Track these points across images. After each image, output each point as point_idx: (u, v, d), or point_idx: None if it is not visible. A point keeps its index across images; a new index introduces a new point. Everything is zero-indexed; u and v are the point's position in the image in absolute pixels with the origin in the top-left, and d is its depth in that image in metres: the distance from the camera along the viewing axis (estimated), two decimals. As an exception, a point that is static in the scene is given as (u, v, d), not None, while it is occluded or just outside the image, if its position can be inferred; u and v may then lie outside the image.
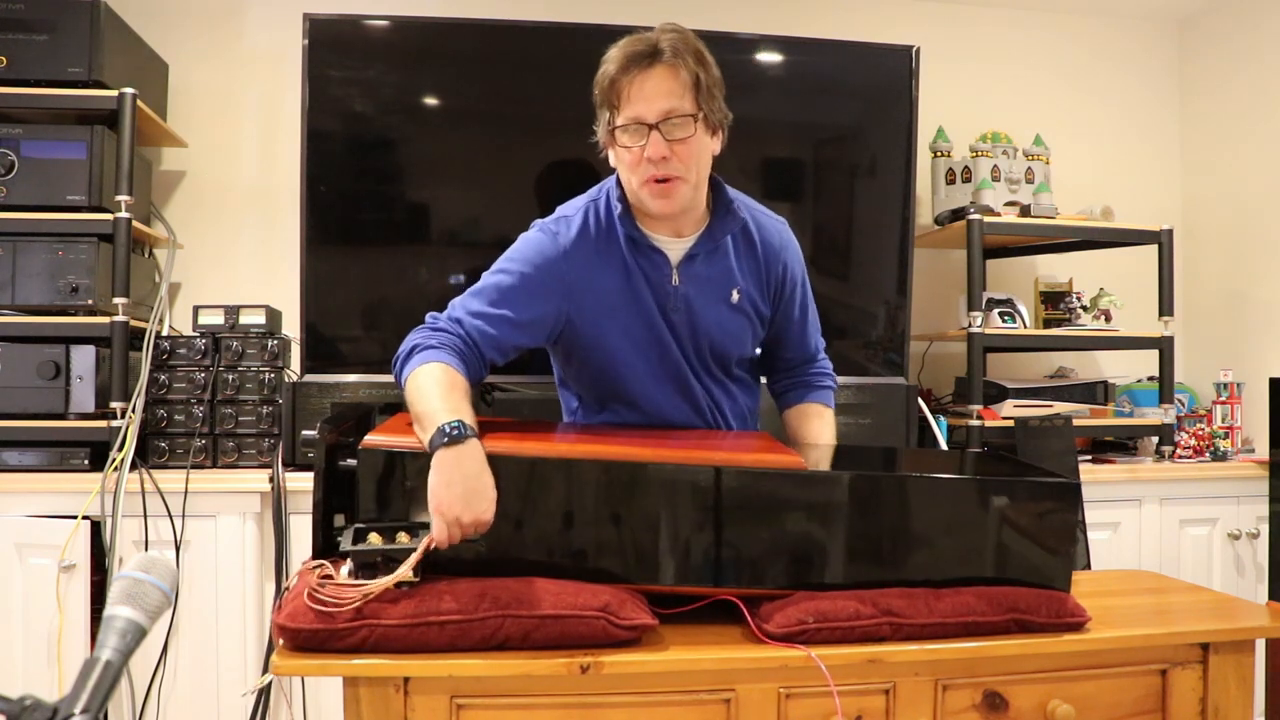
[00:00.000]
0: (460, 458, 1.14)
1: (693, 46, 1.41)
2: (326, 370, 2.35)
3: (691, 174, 1.42)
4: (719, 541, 1.22)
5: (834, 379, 1.74)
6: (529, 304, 1.44)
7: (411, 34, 2.48)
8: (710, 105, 1.42)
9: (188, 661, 2.15)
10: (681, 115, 1.38)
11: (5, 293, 2.22)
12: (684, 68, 1.38)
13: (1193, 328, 3.24)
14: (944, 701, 1.19)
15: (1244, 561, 2.66)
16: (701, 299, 1.50)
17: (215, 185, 2.81)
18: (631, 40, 1.41)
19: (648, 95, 1.37)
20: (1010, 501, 1.26)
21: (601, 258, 1.46)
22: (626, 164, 1.42)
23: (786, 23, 2.95)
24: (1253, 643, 1.31)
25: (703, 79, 1.40)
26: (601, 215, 1.48)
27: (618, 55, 1.40)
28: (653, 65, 1.38)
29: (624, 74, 1.38)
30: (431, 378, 1.27)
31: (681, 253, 1.49)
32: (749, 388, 1.67)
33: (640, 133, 1.38)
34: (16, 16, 2.25)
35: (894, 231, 2.63)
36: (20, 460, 2.19)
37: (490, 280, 1.46)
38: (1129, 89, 3.29)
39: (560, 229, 1.48)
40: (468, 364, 1.37)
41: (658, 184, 1.40)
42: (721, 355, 1.56)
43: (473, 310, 1.42)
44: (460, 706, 1.11)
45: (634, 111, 1.38)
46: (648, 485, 1.21)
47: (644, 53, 1.38)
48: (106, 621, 0.78)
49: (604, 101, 1.42)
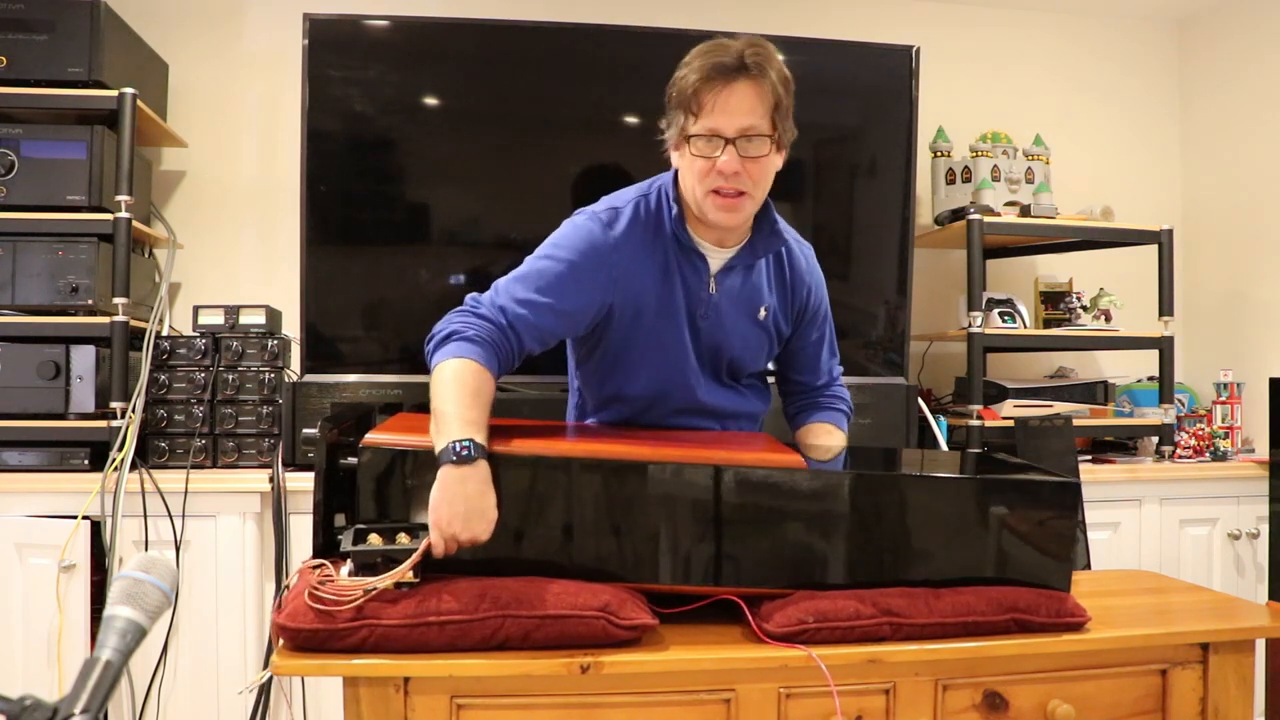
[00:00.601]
0: (465, 478, 1.14)
1: (776, 65, 1.38)
2: (326, 370, 2.35)
3: (759, 191, 1.41)
4: (720, 541, 1.22)
5: (849, 404, 1.74)
6: (575, 293, 1.42)
7: (411, 34, 2.48)
8: (784, 125, 1.40)
9: (188, 661, 2.15)
10: (759, 134, 1.36)
11: (5, 293, 2.22)
12: (768, 85, 1.36)
13: (1193, 328, 3.24)
14: (944, 701, 1.20)
15: (1244, 561, 2.66)
16: (732, 311, 1.51)
17: (215, 185, 2.81)
18: (715, 48, 1.37)
19: (730, 109, 1.35)
20: (1011, 501, 1.26)
21: (647, 254, 1.46)
22: (695, 171, 1.40)
23: (786, 23, 2.95)
24: (1253, 643, 1.31)
25: (783, 100, 1.38)
26: (653, 212, 1.47)
27: (701, 63, 1.36)
28: (736, 79, 1.35)
29: (707, 83, 1.35)
30: (459, 378, 1.26)
31: (721, 262, 1.49)
32: (760, 392, 1.67)
33: (715, 144, 1.36)
34: (16, 16, 2.25)
35: (894, 231, 2.63)
36: (20, 460, 2.19)
37: (537, 266, 1.43)
38: (1129, 89, 3.29)
39: (611, 220, 1.46)
40: (501, 358, 1.36)
41: (724, 196, 1.39)
42: (737, 367, 1.58)
43: (519, 297, 1.40)
44: (460, 706, 1.11)
45: (713, 123, 1.36)
46: (649, 485, 1.21)
47: (730, 65, 1.35)
48: (106, 621, 0.78)
49: (680, 105, 1.40)
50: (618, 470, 1.21)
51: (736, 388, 1.61)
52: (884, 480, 1.29)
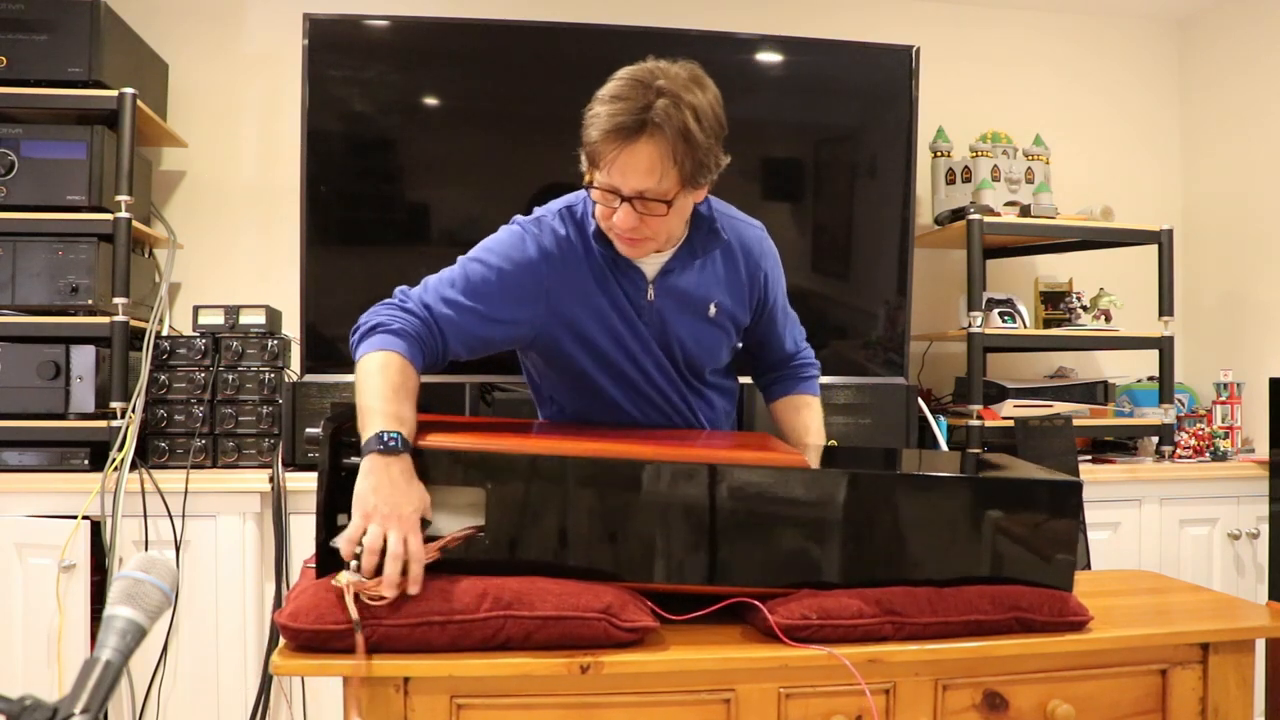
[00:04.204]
0: (390, 465, 1.14)
1: (681, 119, 1.28)
2: (326, 370, 2.35)
3: (661, 236, 1.39)
4: (722, 541, 1.22)
5: (817, 366, 1.75)
6: (503, 302, 1.41)
7: (411, 34, 2.48)
8: (697, 175, 1.33)
9: (188, 661, 2.15)
10: (656, 196, 1.32)
11: (5, 293, 2.22)
12: (668, 142, 1.28)
13: (1193, 328, 3.24)
14: (944, 701, 1.19)
15: (1244, 561, 2.67)
16: (676, 313, 1.48)
17: (215, 185, 2.81)
18: (621, 99, 1.29)
19: (626, 171, 1.30)
20: (1013, 501, 1.26)
21: (579, 266, 1.44)
22: (599, 213, 1.39)
23: (786, 23, 2.95)
24: (1253, 643, 1.31)
25: (688, 157, 1.30)
26: (579, 223, 1.45)
27: (605, 115, 1.29)
28: (635, 139, 1.28)
29: (605, 143, 1.30)
30: (383, 372, 1.25)
31: (657, 268, 1.46)
32: (725, 392, 1.66)
33: (613, 198, 1.33)
34: (16, 16, 2.25)
35: (894, 231, 2.63)
36: (20, 460, 2.19)
37: (465, 268, 1.42)
38: (1129, 89, 3.29)
39: (540, 231, 1.44)
40: (426, 354, 1.35)
41: (625, 238, 1.38)
42: (695, 367, 1.55)
43: (445, 297, 1.39)
44: (460, 706, 1.11)
45: (610, 181, 1.32)
46: (651, 484, 1.21)
47: (628, 126, 1.28)
48: (106, 621, 0.78)
49: (585, 148, 1.35)
50: (621, 469, 1.21)
51: (703, 386, 1.58)
52: (888, 480, 1.28)
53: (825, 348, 1.77)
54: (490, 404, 2.46)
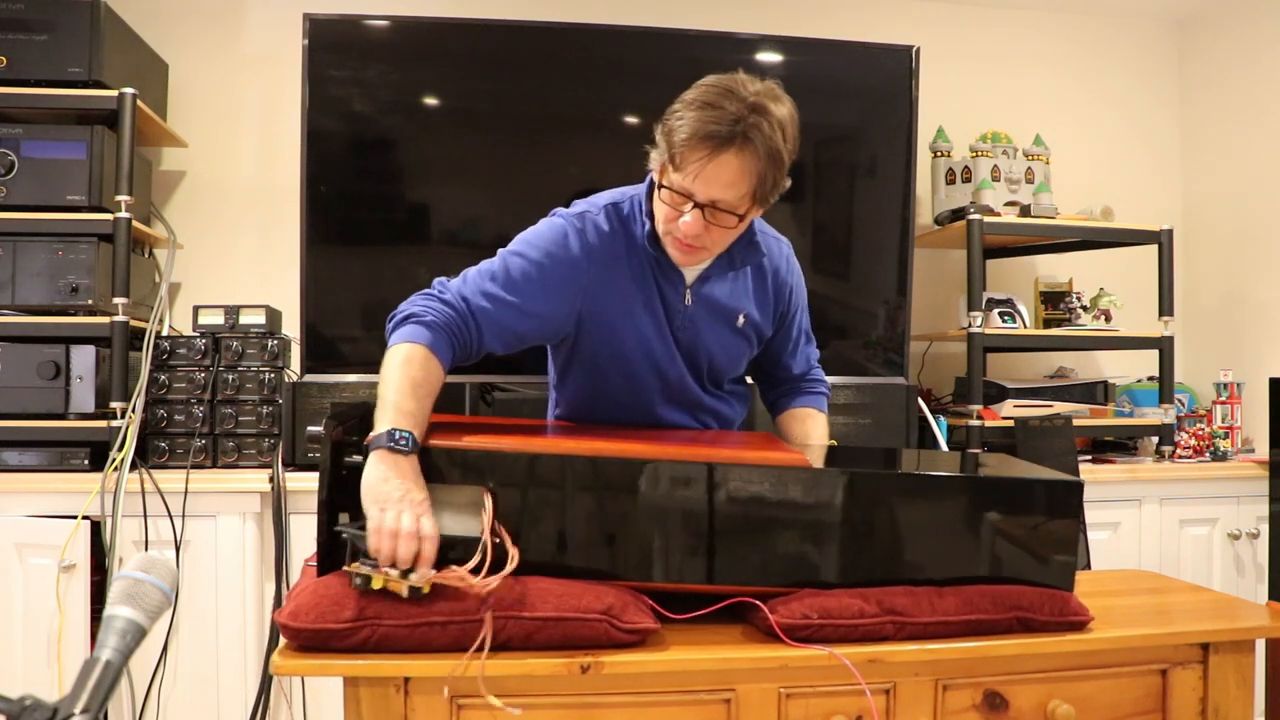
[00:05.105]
0: (399, 463, 1.15)
1: (773, 138, 1.28)
2: (326, 370, 2.35)
3: (718, 248, 1.40)
4: (723, 540, 1.22)
5: (827, 387, 1.75)
6: (543, 296, 1.40)
7: (411, 34, 2.48)
8: (770, 194, 1.34)
9: (188, 661, 2.15)
10: (729, 208, 1.32)
11: (5, 293, 2.22)
12: (754, 160, 1.28)
13: (1193, 328, 3.24)
14: (944, 701, 1.19)
15: (1244, 561, 2.67)
16: (709, 320, 1.50)
17: (215, 185, 2.81)
18: (718, 97, 1.28)
19: (708, 179, 1.29)
20: (1014, 501, 1.26)
21: (621, 264, 1.43)
22: (662, 213, 1.37)
23: (786, 23, 2.95)
24: (1253, 643, 1.30)
25: (768, 175, 1.30)
26: (626, 221, 1.44)
27: (695, 119, 1.28)
28: (724, 150, 1.27)
29: (692, 148, 1.28)
30: (406, 366, 1.25)
31: (695, 274, 1.47)
32: (740, 398, 1.67)
33: (684, 201, 1.32)
34: (16, 16, 2.25)
35: (894, 231, 2.63)
36: (20, 460, 2.19)
37: (505, 262, 1.40)
38: (1129, 89, 3.29)
39: (585, 226, 1.43)
40: (457, 347, 1.34)
41: (682, 244, 1.37)
42: (717, 374, 1.57)
43: (484, 290, 1.37)
44: (460, 707, 1.11)
45: (688, 185, 1.31)
46: (652, 484, 1.21)
47: (721, 135, 1.27)
48: (106, 621, 0.78)
49: (665, 146, 1.33)
50: (623, 468, 1.21)
51: (720, 392, 1.60)
52: (889, 479, 1.28)
53: (825, 348, 1.77)
54: (490, 404, 2.46)
